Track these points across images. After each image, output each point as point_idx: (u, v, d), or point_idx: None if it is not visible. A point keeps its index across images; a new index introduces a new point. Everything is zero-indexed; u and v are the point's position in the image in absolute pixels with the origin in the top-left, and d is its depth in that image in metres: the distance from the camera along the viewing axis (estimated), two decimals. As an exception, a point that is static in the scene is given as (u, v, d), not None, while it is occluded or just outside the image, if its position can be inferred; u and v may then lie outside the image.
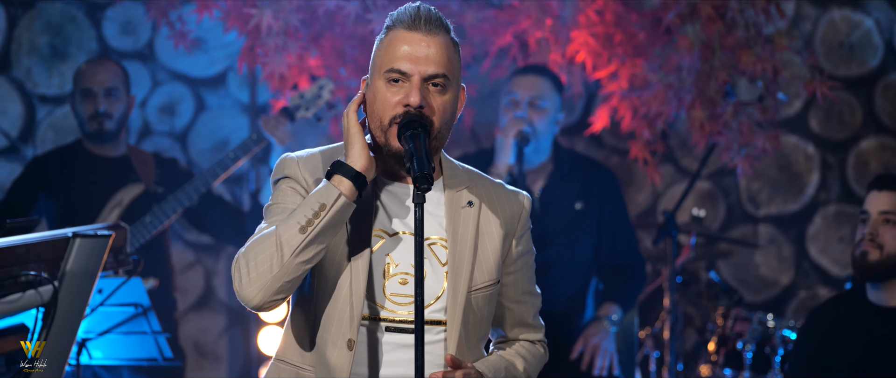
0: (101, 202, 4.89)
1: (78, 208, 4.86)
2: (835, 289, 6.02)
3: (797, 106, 6.12)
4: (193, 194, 4.79)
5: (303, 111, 4.86)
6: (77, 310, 2.75)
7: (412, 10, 2.49)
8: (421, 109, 2.45)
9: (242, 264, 2.42)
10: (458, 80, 2.54)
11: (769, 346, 5.12)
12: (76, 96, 4.95)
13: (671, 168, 6.13)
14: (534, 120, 4.68)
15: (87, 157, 4.97)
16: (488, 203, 2.58)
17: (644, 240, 6.00)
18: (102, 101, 4.89)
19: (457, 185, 2.58)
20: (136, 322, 3.95)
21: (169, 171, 5.02)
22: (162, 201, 4.82)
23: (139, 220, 4.78)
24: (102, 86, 4.91)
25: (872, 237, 3.80)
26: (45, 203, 4.92)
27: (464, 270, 2.51)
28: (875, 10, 6.08)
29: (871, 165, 6.09)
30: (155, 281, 4.85)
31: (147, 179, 4.96)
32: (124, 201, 4.90)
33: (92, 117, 4.90)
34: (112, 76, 4.94)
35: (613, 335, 4.74)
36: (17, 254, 2.71)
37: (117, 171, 4.95)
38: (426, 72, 2.47)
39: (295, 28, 4.79)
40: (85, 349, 3.91)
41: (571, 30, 4.84)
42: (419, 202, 2.38)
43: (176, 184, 4.89)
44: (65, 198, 4.92)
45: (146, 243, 4.81)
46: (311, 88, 4.87)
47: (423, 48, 2.47)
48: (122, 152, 5.00)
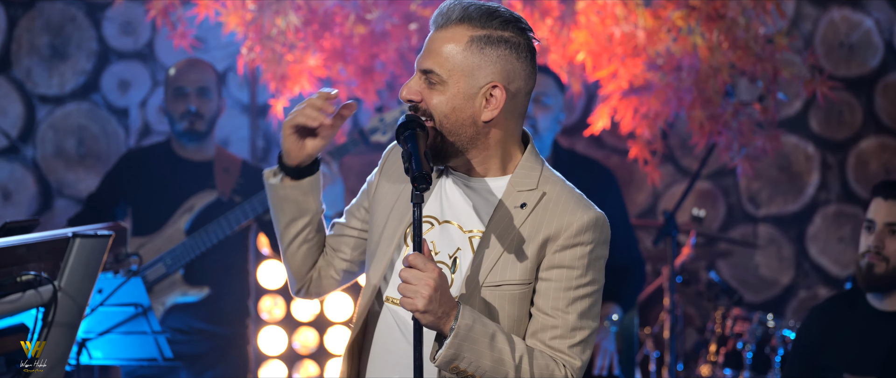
0: (174, 206, 4.86)
1: (155, 209, 4.85)
2: (835, 289, 6.02)
3: (797, 106, 6.12)
4: (259, 207, 4.75)
5: (379, 134, 4.79)
6: (77, 310, 2.75)
7: (442, 6, 2.50)
8: (413, 102, 2.47)
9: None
10: (471, 76, 2.46)
11: (769, 346, 5.12)
12: (168, 95, 4.91)
13: (671, 168, 6.13)
14: (537, 115, 4.69)
15: (173, 158, 4.94)
16: (545, 208, 2.51)
17: (644, 240, 6.00)
18: (194, 99, 4.87)
19: (523, 185, 2.53)
20: (136, 322, 3.95)
21: (252, 179, 4.92)
22: (234, 210, 4.78)
23: (203, 227, 4.77)
24: (195, 85, 4.89)
25: (878, 250, 3.77)
26: (127, 199, 4.93)
27: (487, 264, 2.48)
28: (875, 10, 6.08)
29: (871, 165, 6.09)
30: (209, 289, 4.83)
31: (224, 187, 4.90)
32: (195, 207, 4.87)
33: (182, 116, 4.87)
34: (204, 76, 4.92)
35: (613, 335, 4.74)
36: (17, 254, 2.71)
37: (197, 175, 4.90)
38: (422, 65, 2.48)
39: (295, 28, 4.79)
40: (85, 349, 3.91)
41: (571, 30, 4.84)
42: (417, 202, 2.37)
43: (257, 193, 4.83)
44: (145, 197, 4.90)
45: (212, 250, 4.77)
46: (392, 112, 4.80)
47: (430, 42, 2.49)
48: (209, 156, 4.95)
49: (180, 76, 4.91)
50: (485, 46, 2.46)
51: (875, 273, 3.78)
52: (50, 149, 5.98)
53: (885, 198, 3.80)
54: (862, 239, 3.85)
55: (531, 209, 2.49)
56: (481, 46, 2.46)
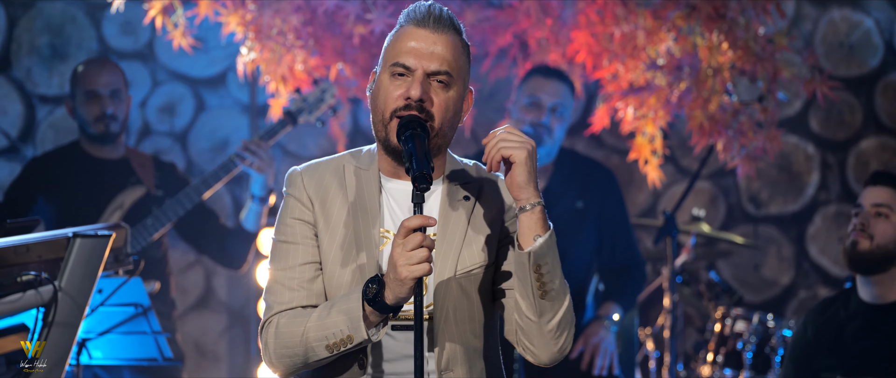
0: (101, 204, 4.87)
1: (78, 211, 4.84)
2: (835, 289, 6.01)
3: (797, 106, 6.12)
4: (194, 198, 4.77)
5: (305, 115, 4.82)
6: (77, 310, 2.75)
7: (424, 7, 2.53)
8: (422, 103, 2.47)
9: (271, 349, 2.53)
10: (464, 82, 2.55)
11: (769, 346, 5.12)
12: (78, 98, 4.89)
13: (671, 168, 6.13)
14: (553, 126, 4.70)
15: (87, 159, 4.94)
16: (490, 196, 2.60)
17: (644, 240, 6.00)
18: (109, 102, 4.87)
19: (458, 180, 2.60)
20: (136, 322, 3.94)
21: (168, 174, 5.00)
22: (162, 204, 4.81)
23: (140, 222, 4.77)
24: (107, 87, 4.87)
25: (863, 228, 3.82)
26: (44, 205, 4.90)
27: (450, 258, 2.53)
28: (875, 10, 6.08)
29: (871, 165, 6.09)
30: (157, 283, 4.83)
31: (148, 182, 4.94)
32: (126, 204, 4.89)
33: (98, 119, 4.86)
34: (115, 77, 4.92)
35: (613, 335, 4.74)
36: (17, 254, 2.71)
37: (118, 173, 4.93)
38: (429, 67, 2.49)
39: (295, 28, 4.79)
40: (85, 349, 3.91)
41: (571, 30, 4.84)
42: (418, 202, 2.39)
43: (175, 187, 4.88)
44: (64, 200, 4.89)
45: (148, 246, 4.80)
46: (313, 91, 4.83)
47: (430, 45, 2.50)
48: (122, 154, 4.98)
49: (92, 78, 4.88)
50: (467, 52, 2.58)
51: (859, 250, 3.82)
52: (50, 149, 5.98)
53: (873, 184, 3.88)
54: (850, 224, 3.90)
55: (474, 199, 2.58)
56: (467, 52, 2.57)
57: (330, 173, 2.59)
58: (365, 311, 2.42)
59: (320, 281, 2.55)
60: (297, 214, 2.57)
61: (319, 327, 2.46)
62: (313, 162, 2.64)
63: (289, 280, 2.55)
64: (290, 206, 2.59)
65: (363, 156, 2.62)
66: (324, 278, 2.55)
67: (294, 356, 2.49)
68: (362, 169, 2.59)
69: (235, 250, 4.95)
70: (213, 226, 4.98)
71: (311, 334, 2.47)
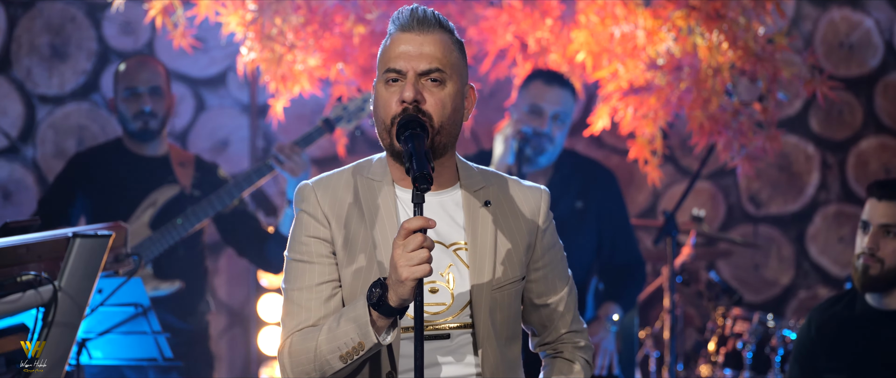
0: (135, 202, 4.87)
1: (113, 207, 4.85)
2: (835, 289, 6.02)
3: (797, 106, 6.12)
4: (227, 199, 4.76)
5: (344, 123, 4.79)
6: (77, 310, 2.75)
7: (407, 11, 2.53)
8: (417, 104, 2.47)
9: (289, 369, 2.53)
10: (461, 77, 2.55)
11: (769, 346, 5.12)
12: (118, 95, 4.92)
13: (671, 168, 6.13)
14: (555, 133, 4.71)
15: (127, 155, 4.96)
16: (505, 200, 2.60)
17: (644, 240, 6.00)
18: (147, 100, 4.88)
19: (473, 185, 2.59)
20: (136, 322, 3.94)
21: (208, 174, 4.99)
22: (195, 204, 4.80)
23: (170, 221, 4.77)
24: (147, 85, 4.90)
25: (872, 252, 3.76)
26: (82, 200, 4.93)
27: (486, 269, 2.53)
28: (875, 10, 6.09)
29: (871, 165, 6.09)
30: (181, 283, 4.83)
31: (184, 181, 4.93)
32: (159, 201, 4.89)
33: (136, 116, 4.89)
34: (155, 75, 4.94)
35: (613, 335, 4.75)
36: (17, 254, 2.71)
37: (156, 171, 4.93)
38: (419, 67, 2.49)
39: (295, 28, 4.79)
40: (85, 349, 3.91)
41: (571, 30, 4.84)
42: (418, 202, 2.38)
43: (214, 188, 4.86)
44: (101, 196, 4.91)
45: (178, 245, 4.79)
46: (354, 100, 4.80)
47: (417, 46, 2.50)
48: (163, 152, 4.99)
49: (132, 76, 4.92)
50: (460, 48, 2.57)
51: (870, 275, 3.77)
52: (50, 149, 5.98)
53: (879, 198, 3.77)
54: (857, 240, 3.84)
55: (496, 205, 2.58)
56: (459, 48, 2.57)
57: (342, 188, 2.57)
58: (372, 316, 2.41)
59: (338, 299, 2.54)
60: (312, 232, 2.55)
61: (331, 339, 2.45)
62: (323, 176, 2.61)
63: (305, 300, 2.54)
64: (304, 223, 2.56)
65: (374, 166, 2.60)
66: (343, 296, 2.54)
67: (311, 373, 2.48)
68: (375, 180, 2.58)
69: (273, 254, 4.94)
70: (255, 229, 4.97)
71: (323, 347, 2.46)
